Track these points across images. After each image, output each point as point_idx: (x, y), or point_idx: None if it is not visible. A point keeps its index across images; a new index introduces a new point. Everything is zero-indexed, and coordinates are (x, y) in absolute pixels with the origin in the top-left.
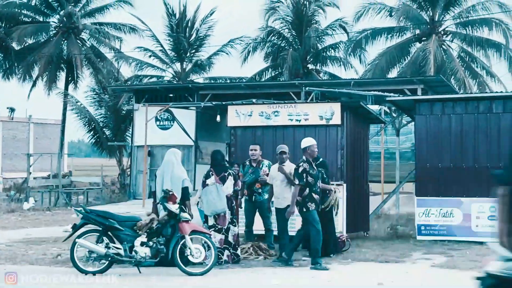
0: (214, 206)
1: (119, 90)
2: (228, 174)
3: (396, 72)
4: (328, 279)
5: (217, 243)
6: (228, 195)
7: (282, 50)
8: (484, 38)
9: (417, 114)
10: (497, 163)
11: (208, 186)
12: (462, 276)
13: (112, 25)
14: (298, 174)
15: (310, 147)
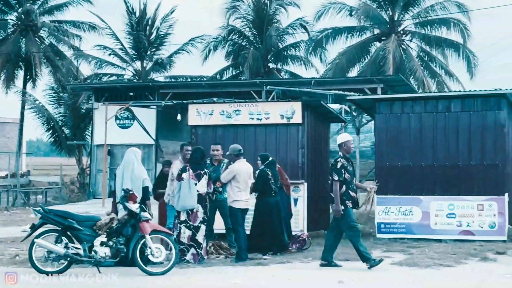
0: (184, 201)
1: (79, 88)
2: (204, 173)
3: (357, 71)
4: (289, 277)
5: (185, 239)
6: (202, 194)
7: (243, 49)
8: (443, 38)
9: (377, 113)
10: (456, 162)
11: (183, 181)
12: (421, 273)
13: (71, 23)
14: (337, 169)
15: (346, 143)
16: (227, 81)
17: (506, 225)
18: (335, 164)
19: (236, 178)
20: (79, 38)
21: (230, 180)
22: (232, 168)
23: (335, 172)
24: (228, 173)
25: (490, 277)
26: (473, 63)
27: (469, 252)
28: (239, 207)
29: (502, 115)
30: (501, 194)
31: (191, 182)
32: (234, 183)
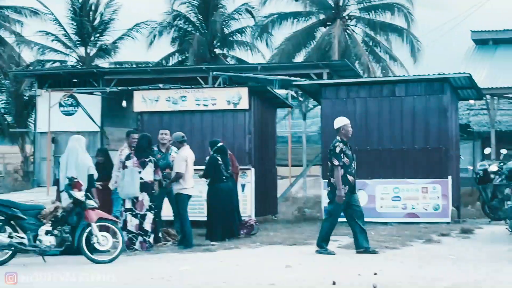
0: (127, 190)
1: (21, 75)
2: (149, 160)
3: (303, 57)
4: (236, 263)
5: (132, 228)
6: (148, 182)
7: (188, 35)
8: (387, 23)
9: (323, 98)
10: (400, 146)
11: (126, 169)
12: (367, 256)
13: (12, 8)
14: (336, 154)
15: (344, 126)
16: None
17: (449, 207)
18: (334, 149)
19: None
20: (21, 23)
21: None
22: (182, 155)
23: (334, 157)
24: (182, 161)
25: (434, 259)
26: (416, 48)
27: (414, 234)
28: (187, 193)
29: (445, 99)
30: (445, 177)
31: (134, 170)
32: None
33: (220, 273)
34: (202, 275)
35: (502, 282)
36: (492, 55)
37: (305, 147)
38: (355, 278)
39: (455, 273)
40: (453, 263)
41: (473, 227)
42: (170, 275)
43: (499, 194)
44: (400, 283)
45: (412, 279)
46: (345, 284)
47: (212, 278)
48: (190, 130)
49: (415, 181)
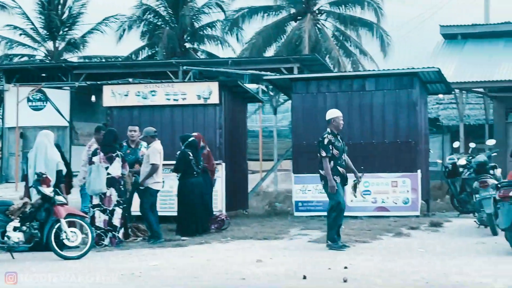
0: (94, 186)
1: None
2: (116, 155)
3: (273, 51)
4: (207, 258)
5: (101, 224)
6: (116, 177)
7: (158, 29)
8: (357, 17)
9: (294, 93)
10: (370, 140)
11: (93, 165)
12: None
13: None
14: (324, 145)
15: (336, 118)
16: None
17: (419, 201)
18: (322, 140)
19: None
20: None
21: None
22: (155, 149)
23: (322, 149)
24: (156, 153)
25: (404, 252)
26: (386, 42)
27: (384, 228)
28: (157, 189)
29: (415, 93)
30: (414, 170)
31: (100, 166)
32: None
33: (191, 268)
34: (172, 270)
35: (470, 274)
36: (461, 50)
37: (276, 141)
38: (325, 272)
39: (425, 266)
40: (422, 256)
41: (442, 220)
42: (140, 271)
43: (468, 188)
44: (370, 277)
45: (382, 273)
46: (315, 278)
47: (183, 273)
48: (160, 125)
49: (385, 175)
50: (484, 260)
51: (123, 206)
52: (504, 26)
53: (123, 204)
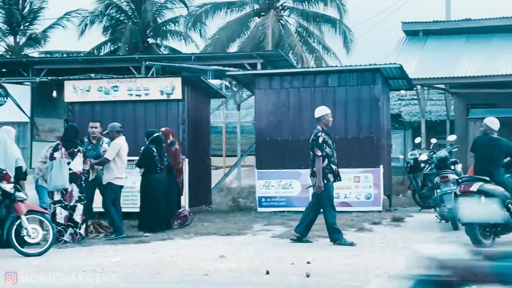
0: (56, 181)
1: None
2: (78, 151)
3: (236, 47)
4: (170, 254)
5: (62, 220)
6: (77, 172)
7: (121, 24)
8: (320, 14)
9: (257, 89)
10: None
11: (54, 160)
12: (300, 245)
13: None
14: (319, 144)
15: (325, 116)
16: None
17: (381, 196)
18: (316, 139)
19: (119, 154)
20: None
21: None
22: (116, 144)
23: (317, 147)
24: (114, 149)
25: (366, 247)
26: (349, 38)
27: (347, 223)
28: (120, 184)
29: (377, 89)
30: (377, 166)
31: (62, 161)
32: (118, 159)
33: (154, 264)
34: (135, 266)
35: None
36: (423, 46)
37: (240, 137)
38: (288, 267)
39: (387, 261)
40: (384, 251)
41: (404, 215)
42: (103, 267)
43: (429, 183)
44: (333, 272)
45: (345, 268)
46: (278, 273)
47: (145, 269)
48: (123, 121)
49: (348, 170)
50: None
51: (84, 202)
52: (465, 22)
53: (85, 200)
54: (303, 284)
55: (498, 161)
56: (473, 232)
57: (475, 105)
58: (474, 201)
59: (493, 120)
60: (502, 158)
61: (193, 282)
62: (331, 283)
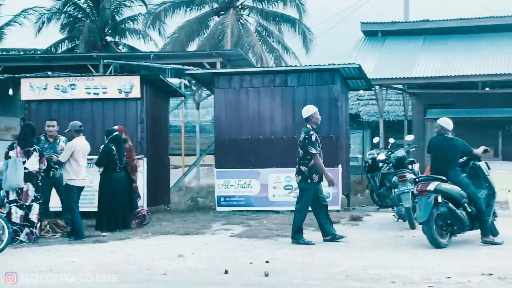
0: (11, 181)
1: None
2: (34, 150)
3: (196, 46)
4: (128, 253)
5: (17, 219)
6: (33, 171)
7: (79, 22)
8: (280, 13)
9: (216, 88)
10: (292, 135)
11: (9, 159)
12: (259, 244)
13: None
14: (312, 142)
15: (314, 114)
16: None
17: (340, 195)
18: (309, 137)
19: (74, 155)
20: None
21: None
22: (70, 145)
23: (311, 146)
24: (67, 151)
25: (325, 246)
26: (308, 38)
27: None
28: (76, 185)
29: (336, 89)
30: (335, 165)
31: (17, 160)
32: (72, 160)
33: (111, 264)
34: (92, 266)
35: (389, 267)
36: (381, 47)
37: (199, 136)
38: (247, 266)
39: (345, 259)
40: (342, 249)
41: (362, 214)
42: (59, 267)
43: (387, 182)
44: (291, 270)
45: (303, 266)
46: (237, 272)
47: (103, 269)
48: (80, 119)
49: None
50: (403, 253)
51: (40, 201)
52: (422, 23)
53: (40, 200)
54: (261, 283)
55: (453, 161)
56: (430, 231)
57: (433, 105)
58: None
59: (446, 120)
60: (457, 158)
61: (151, 281)
62: (289, 282)
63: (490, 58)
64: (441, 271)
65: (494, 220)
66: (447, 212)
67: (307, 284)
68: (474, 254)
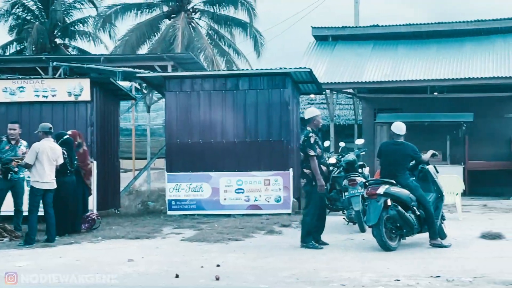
0: None
1: None
2: None
3: (147, 49)
4: (77, 258)
5: None
6: None
7: (27, 23)
8: (231, 17)
9: (167, 91)
10: (244, 138)
11: None
12: (210, 247)
13: None
14: (311, 144)
15: (316, 117)
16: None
17: (291, 199)
18: (308, 139)
19: (38, 157)
20: None
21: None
22: (34, 147)
23: (309, 148)
24: (31, 153)
25: (276, 249)
26: (260, 42)
27: (257, 226)
28: (41, 188)
29: (287, 93)
30: (286, 169)
31: None
32: (37, 162)
33: (59, 269)
34: (40, 271)
35: (339, 270)
36: (331, 51)
37: (149, 139)
38: (198, 270)
39: (296, 263)
40: (293, 253)
41: None
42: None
43: (337, 186)
44: (243, 274)
45: (254, 270)
46: (188, 276)
47: (51, 274)
48: (29, 122)
49: (258, 173)
50: (352, 256)
51: None
52: (372, 29)
53: None
54: (212, 287)
55: (403, 165)
56: (380, 234)
57: (382, 110)
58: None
59: (398, 125)
60: (407, 162)
61: (101, 286)
62: (240, 286)
63: (438, 63)
64: (390, 274)
65: (442, 223)
66: (397, 215)
67: (257, 287)
68: (423, 256)
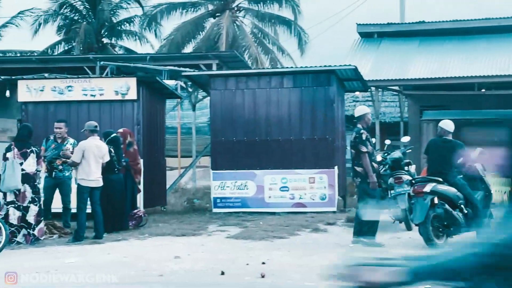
0: (9, 182)
1: None
2: (31, 151)
3: (192, 47)
4: (124, 255)
5: (15, 221)
6: (30, 173)
7: (75, 23)
8: (275, 15)
9: (212, 89)
10: (288, 136)
11: (7, 161)
12: (255, 245)
13: None
14: (363, 141)
15: (367, 115)
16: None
17: (336, 197)
18: (360, 136)
19: (84, 155)
20: None
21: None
22: (80, 145)
23: (362, 144)
24: (77, 151)
25: (321, 247)
26: (304, 40)
27: (302, 224)
28: (87, 185)
29: (332, 90)
30: (331, 167)
31: (15, 162)
32: (83, 160)
33: (108, 266)
34: (89, 267)
35: None
36: (377, 48)
37: (195, 138)
38: (243, 267)
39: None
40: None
41: None
42: (56, 268)
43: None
44: (288, 272)
45: (299, 268)
46: (233, 274)
47: (99, 270)
48: (77, 121)
49: (303, 171)
50: None
51: (38, 203)
52: (418, 25)
53: (39, 201)
54: (257, 284)
55: (451, 162)
56: (426, 232)
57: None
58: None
59: (447, 122)
60: (455, 160)
61: (147, 283)
62: (285, 283)
63: (486, 60)
64: None
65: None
66: (443, 214)
67: (303, 285)
68: None
